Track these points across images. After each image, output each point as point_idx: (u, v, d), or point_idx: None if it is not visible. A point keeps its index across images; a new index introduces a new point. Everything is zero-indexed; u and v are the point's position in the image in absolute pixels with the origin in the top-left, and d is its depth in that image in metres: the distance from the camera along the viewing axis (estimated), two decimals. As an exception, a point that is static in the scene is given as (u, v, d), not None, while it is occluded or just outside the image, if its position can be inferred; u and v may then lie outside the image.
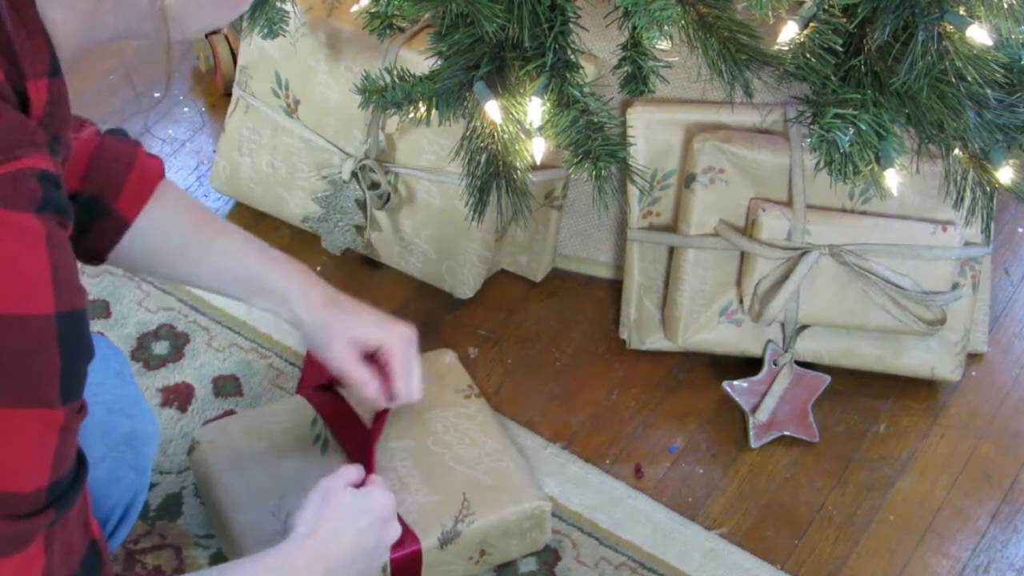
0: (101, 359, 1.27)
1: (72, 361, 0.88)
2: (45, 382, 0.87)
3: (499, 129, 1.55)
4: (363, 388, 1.44)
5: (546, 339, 1.83)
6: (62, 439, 0.89)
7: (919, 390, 1.79)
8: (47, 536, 0.91)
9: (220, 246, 1.37)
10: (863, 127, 1.52)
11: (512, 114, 1.55)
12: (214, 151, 2.01)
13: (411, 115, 1.58)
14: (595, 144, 1.50)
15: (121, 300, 1.82)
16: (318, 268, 1.89)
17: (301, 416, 1.58)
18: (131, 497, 1.30)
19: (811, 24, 1.53)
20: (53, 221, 0.86)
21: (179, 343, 1.78)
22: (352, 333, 1.40)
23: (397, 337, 1.43)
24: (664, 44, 1.49)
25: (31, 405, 0.86)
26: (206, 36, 2.07)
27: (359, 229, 1.83)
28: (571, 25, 1.52)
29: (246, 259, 1.38)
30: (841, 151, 1.53)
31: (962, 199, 1.64)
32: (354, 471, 1.35)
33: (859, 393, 1.78)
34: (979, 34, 1.48)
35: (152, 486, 1.61)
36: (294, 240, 1.92)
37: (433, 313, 1.84)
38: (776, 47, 1.54)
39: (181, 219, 1.35)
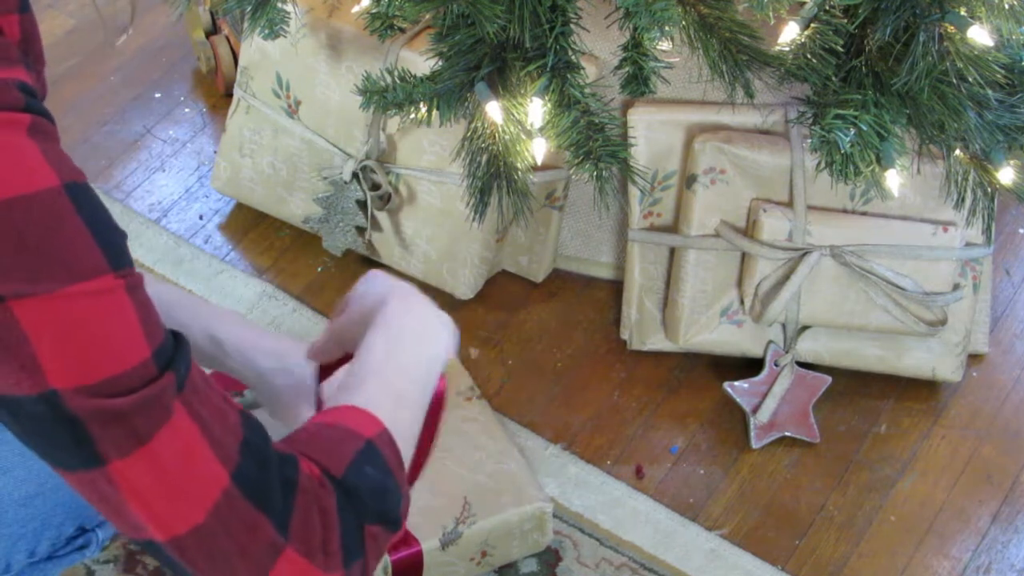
0: None
1: (102, 228, 0.85)
2: (84, 252, 0.83)
3: (500, 130, 1.55)
4: None
5: (547, 340, 1.83)
6: (137, 300, 0.86)
7: (920, 391, 1.78)
8: (184, 403, 0.87)
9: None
10: (864, 128, 1.52)
11: (513, 115, 1.55)
12: (215, 152, 2.01)
13: (412, 116, 1.58)
14: (596, 145, 1.50)
15: (122, 301, 1.82)
16: (319, 269, 1.89)
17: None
18: None
19: (812, 25, 1.53)
20: (37, 117, 0.85)
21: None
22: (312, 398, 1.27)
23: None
24: (665, 45, 1.49)
25: (83, 278, 0.83)
26: (207, 37, 2.07)
27: (360, 230, 1.83)
28: (572, 26, 1.52)
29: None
30: (842, 152, 1.53)
31: (963, 200, 1.64)
32: None
33: (860, 394, 1.78)
34: (980, 35, 1.47)
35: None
36: (295, 241, 1.92)
37: (434, 314, 1.84)
38: (777, 48, 1.54)
39: None
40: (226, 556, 0.88)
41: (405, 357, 1.09)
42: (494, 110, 1.54)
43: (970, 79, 1.49)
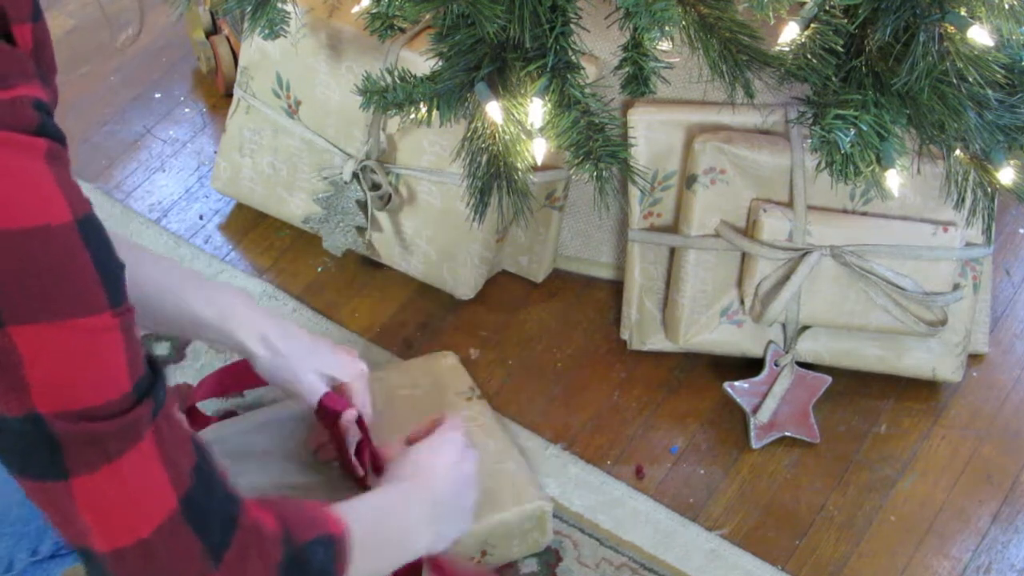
0: None
1: (106, 263, 0.89)
2: (89, 288, 0.87)
3: (500, 130, 1.55)
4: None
5: (547, 340, 1.83)
6: (128, 338, 0.90)
7: (920, 391, 1.79)
8: (156, 429, 0.91)
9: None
10: (864, 128, 1.52)
11: (513, 115, 1.55)
12: (215, 152, 2.01)
13: (412, 116, 1.58)
14: (596, 145, 1.50)
15: (122, 301, 1.82)
16: (319, 269, 1.89)
17: (302, 419, 1.58)
18: None
19: (812, 25, 1.53)
20: (52, 141, 0.87)
21: (180, 344, 1.78)
22: (319, 366, 1.41)
23: (358, 377, 1.45)
24: (665, 45, 1.49)
25: (85, 314, 0.87)
26: (207, 37, 2.07)
27: (360, 230, 1.83)
28: (572, 26, 1.52)
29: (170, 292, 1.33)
30: (842, 152, 1.53)
31: (963, 200, 1.64)
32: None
33: (860, 394, 1.78)
34: (980, 35, 1.47)
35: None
36: (295, 241, 1.92)
37: (434, 314, 1.84)
38: (777, 48, 1.54)
39: None
40: (160, 573, 0.93)
41: (393, 523, 1.21)
42: (494, 110, 1.54)
43: (970, 79, 1.49)
